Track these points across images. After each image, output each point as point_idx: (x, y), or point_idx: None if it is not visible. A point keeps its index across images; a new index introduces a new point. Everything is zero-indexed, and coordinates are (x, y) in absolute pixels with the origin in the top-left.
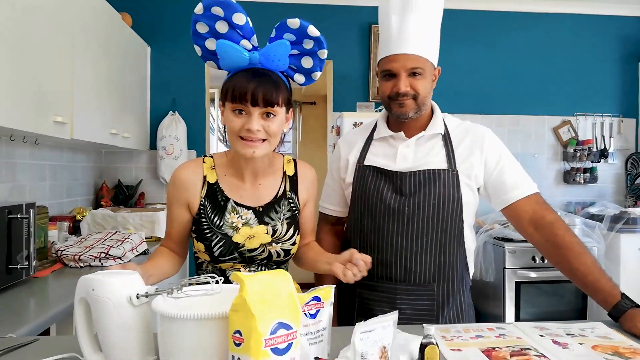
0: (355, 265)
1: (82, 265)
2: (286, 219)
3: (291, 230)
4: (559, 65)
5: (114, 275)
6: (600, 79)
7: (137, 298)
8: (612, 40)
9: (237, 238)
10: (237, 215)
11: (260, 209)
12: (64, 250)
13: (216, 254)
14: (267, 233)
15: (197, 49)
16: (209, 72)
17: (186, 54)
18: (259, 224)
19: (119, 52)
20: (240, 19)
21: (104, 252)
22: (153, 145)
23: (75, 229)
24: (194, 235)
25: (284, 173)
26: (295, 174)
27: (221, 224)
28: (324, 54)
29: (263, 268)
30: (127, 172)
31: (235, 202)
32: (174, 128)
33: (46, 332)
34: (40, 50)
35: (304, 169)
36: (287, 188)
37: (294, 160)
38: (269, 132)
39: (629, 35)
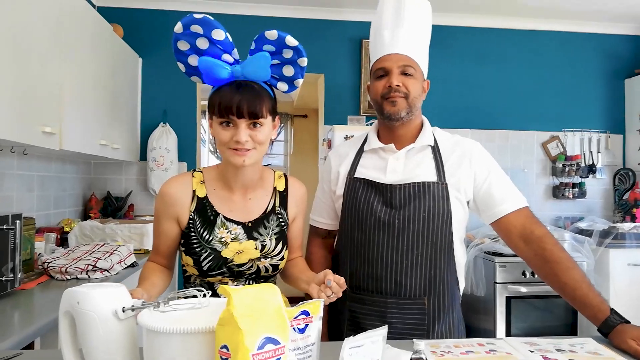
0: (328, 287)
1: (68, 277)
2: (275, 234)
3: (279, 246)
4: (548, 81)
5: (99, 288)
6: (587, 96)
7: (123, 312)
8: (600, 57)
9: (226, 253)
10: (227, 231)
11: (250, 224)
12: (51, 262)
13: (205, 268)
14: (255, 248)
15: (181, 66)
16: (200, 84)
17: (177, 66)
18: (248, 239)
19: (110, 63)
20: (219, 34)
21: (91, 265)
22: (143, 156)
23: (62, 241)
24: (182, 249)
25: (275, 188)
26: (286, 189)
27: (210, 238)
28: (304, 61)
29: (251, 282)
30: (117, 184)
31: (224, 217)
32: (164, 139)
33: (30, 346)
34: (29, 59)
35: (295, 184)
36: (277, 203)
37: (285, 176)
38: (256, 141)
39: (616, 53)
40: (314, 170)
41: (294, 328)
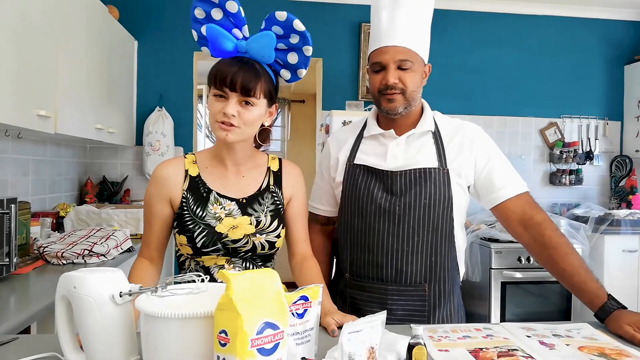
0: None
1: (64, 262)
2: (270, 211)
3: (275, 223)
4: (547, 67)
5: (97, 273)
6: (586, 82)
7: (120, 296)
8: (599, 43)
9: (220, 228)
10: (220, 207)
11: (244, 201)
12: (47, 247)
13: (199, 244)
14: (250, 224)
15: (194, 33)
16: (197, 68)
17: (174, 49)
18: (242, 215)
19: (105, 46)
20: (232, 6)
21: (87, 249)
22: (139, 141)
23: (58, 226)
24: (176, 230)
25: (269, 168)
26: (280, 169)
27: (204, 215)
28: (308, 50)
29: (247, 264)
30: (113, 168)
31: (218, 194)
32: (160, 124)
33: (26, 331)
34: (23, 41)
35: (288, 165)
36: (271, 182)
37: (280, 159)
38: (243, 119)
39: (616, 38)
40: (311, 156)
41: (292, 313)
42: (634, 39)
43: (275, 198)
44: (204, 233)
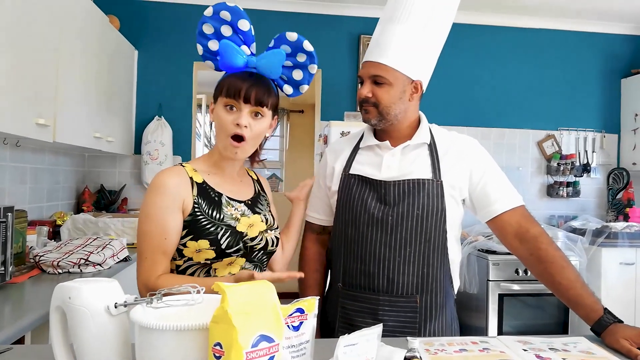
0: None
1: (60, 271)
2: (268, 211)
3: (275, 221)
4: (545, 80)
5: (92, 283)
6: (584, 95)
7: (116, 307)
8: (597, 56)
9: (240, 227)
10: (233, 208)
11: (249, 202)
12: (43, 255)
13: (223, 246)
14: (262, 221)
15: (199, 48)
16: (196, 78)
17: (174, 59)
18: (254, 214)
19: (106, 55)
20: (244, 25)
21: (83, 259)
22: (138, 150)
23: (55, 234)
24: (189, 237)
25: (250, 176)
26: (258, 178)
27: (222, 216)
28: (313, 68)
29: (261, 263)
30: (111, 177)
31: (228, 197)
32: (159, 133)
33: (21, 341)
34: (22, 50)
35: (261, 176)
36: (259, 188)
37: (252, 169)
38: (254, 130)
39: (613, 52)
40: (309, 166)
41: (288, 326)
42: (631, 53)
43: (267, 201)
44: (228, 234)
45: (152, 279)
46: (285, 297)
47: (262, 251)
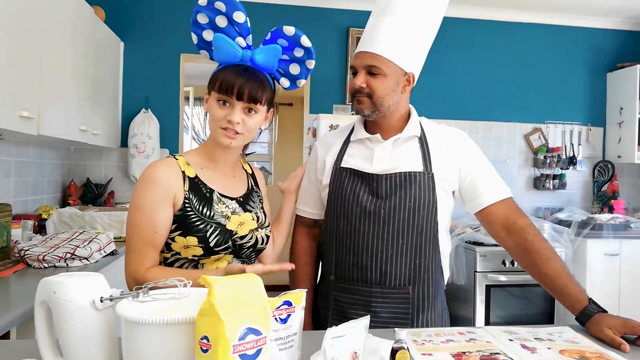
0: None
1: (46, 265)
2: (260, 208)
3: (267, 219)
4: (532, 73)
5: (77, 277)
6: (570, 89)
7: (101, 302)
8: (583, 51)
9: (230, 225)
10: (224, 205)
11: (241, 199)
12: (28, 250)
13: (212, 244)
14: (253, 219)
15: (194, 37)
16: (183, 70)
17: (161, 51)
18: (244, 212)
19: (91, 47)
20: (240, 17)
21: (69, 253)
22: (124, 143)
23: (40, 228)
24: (178, 232)
25: (245, 170)
26: (253, 172)
27: (212, 214)
28: (311, 64)
29: (250, 259)
30: (97, 170)
31: (219, 193)
32: (146, 126)
33: (6, 336)
34: (6, 41)
35: (256, 169)
36: (253, 182)
37: (247, 162)
38: (247, 126)
39: (599, 47)
40: (298, 159)
41: (276, 318)
42: (617, 47)
43: (259, 197)
44: (217, 232)
45: (141, 272)
46: (276, 289)
47: (251, 249)
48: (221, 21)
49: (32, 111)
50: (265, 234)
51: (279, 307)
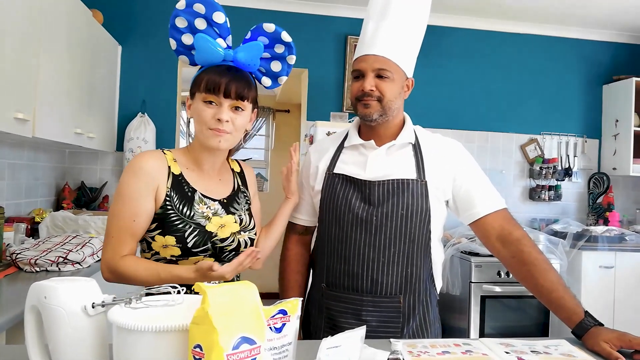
0: None
1: (38, 269)
2: (246, 210)
3: (252, 221)
4: (528, 84)
5: (68, 282)
6: (566, 100)
7: (93, 307)
8: (579, 63)
9: (210, 227)
10: (206, 206)
11: (225, 200)
12: (20, 253)
13: (190, 244)
14: (235, 222)
15: (173, 42)
16: (181, 75)
17: (159, 55)
18: (227, 214)
19: (88, 50)
20: (219, 17)
21: (62, 257)
22: (120, 147)
23: (33, 231)
24: (158, 231)
25: (233, 170)
26: (241, 170)
27: (192, 214)
28: (292, 59)
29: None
30: (92, 174)
31: (201, 194)
32: (142, 130)
33: None
34: (3, 42)
35: (247, 166)
36: (240, 182)
37: (235, 160)
38: (235, 124)
39: (595, 59)
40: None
41: (270, 327)
42: (613, 60)
43: (246, 197)
44: (195, 232)
45: (116, 259)
46: (268, 297)
47: (233, 252)
48: (200, 23)
49: (27, 113)
50: (249, 237)
51: (274, 316)
